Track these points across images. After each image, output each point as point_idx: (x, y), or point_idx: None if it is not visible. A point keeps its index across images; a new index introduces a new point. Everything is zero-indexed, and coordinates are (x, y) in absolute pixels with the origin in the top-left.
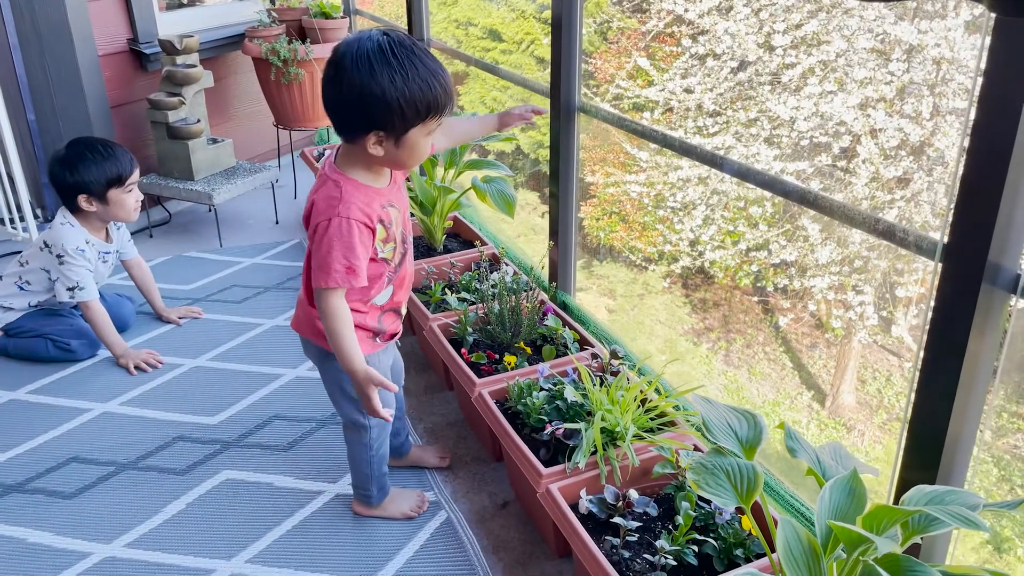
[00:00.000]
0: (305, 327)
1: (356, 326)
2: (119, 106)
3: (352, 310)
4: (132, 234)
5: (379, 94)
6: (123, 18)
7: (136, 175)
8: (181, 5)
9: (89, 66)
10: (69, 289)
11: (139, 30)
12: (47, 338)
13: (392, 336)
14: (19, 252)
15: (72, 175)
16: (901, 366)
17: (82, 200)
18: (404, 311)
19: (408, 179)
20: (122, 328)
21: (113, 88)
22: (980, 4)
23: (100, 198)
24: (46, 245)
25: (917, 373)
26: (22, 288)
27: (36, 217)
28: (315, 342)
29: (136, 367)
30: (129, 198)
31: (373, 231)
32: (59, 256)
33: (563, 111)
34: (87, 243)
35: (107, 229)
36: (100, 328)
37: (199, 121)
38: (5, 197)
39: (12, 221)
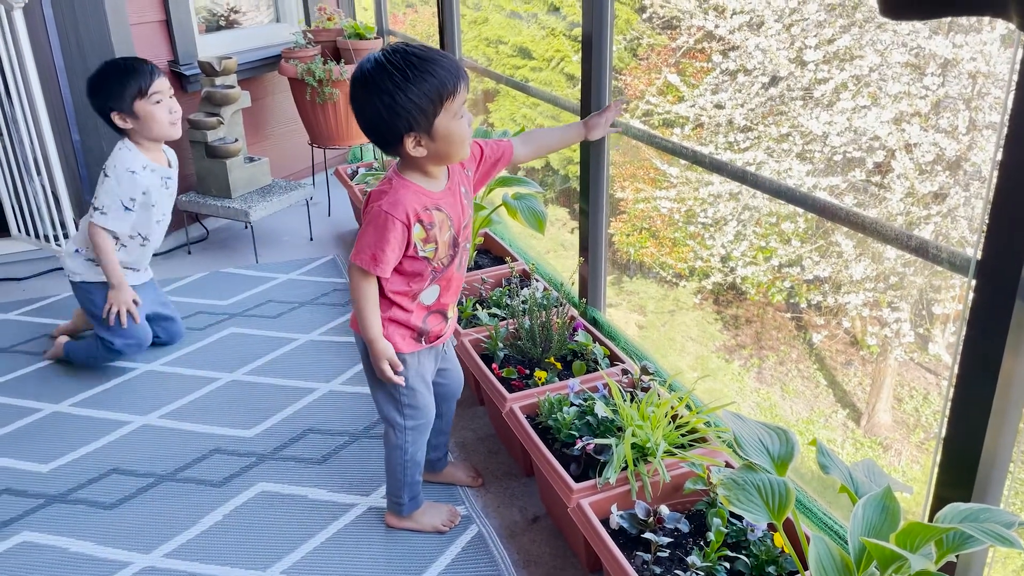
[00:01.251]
0: (355, 322)
1: (401, 323)
2: None
3: (399, 307)
4: (169, 251)
5: (392, 101)
6: (164, 40)
7: (160, 84)
8: (220, 27)
9: None
10: (94, 208)
11: (180, 52)
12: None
13: (436, 338)
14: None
15: (98, 97)
16: (939, 384)
17: (116, 119)
18: (452, 315)
19: None
20: (170, 342)
21: None
22: (1010, 23)
23: (130, 113)
24: (104, 172)
25: (951, 390)
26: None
27: None
28: (358, 332)
29: (115, 314)
30: (158, 109)
31: (409, 228)
32: (105, 176)
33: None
34: (144, 168)
35: (164, 154)
36: (104, 255)
37: (237, 140)
38: (50, 215)
39: (56, 238)
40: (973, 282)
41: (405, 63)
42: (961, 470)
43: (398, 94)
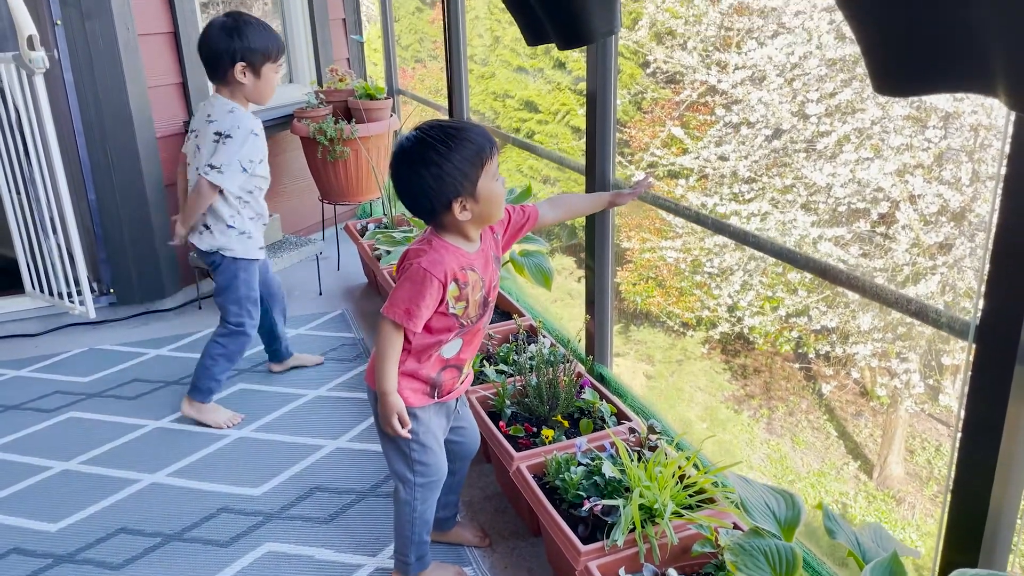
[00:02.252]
0: (369, 375)
1: (415, 376)
2: (173, 184)
3: (415, 357)
4: (180, 306)
5: (439, 170)
6: (180, 102)
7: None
8: None
9: (147, 148)
10: (210, 167)
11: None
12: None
13: (448, 393)
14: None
15: (237, 40)
16: (951, 436)
17: (238, 69)
18: (468, 372)
19: None
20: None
21: (169, 167)
22: (997, 99)
23: (255, 70)
24: (219, 135)
25: (955, 453)
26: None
27: (92, 291)
28: (373, 387)
29: (175, 241)
30: (276, 78)
31: (445, 286)
32: (228, 136)
33: (598, 189)
34: (262, 130)
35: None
36: (198, 208)
37: None
38: (64, 272)
39: (70, 295)
40: (973, 346)
41: (444, 135)
42: (968, 533)
43: (444, 163)
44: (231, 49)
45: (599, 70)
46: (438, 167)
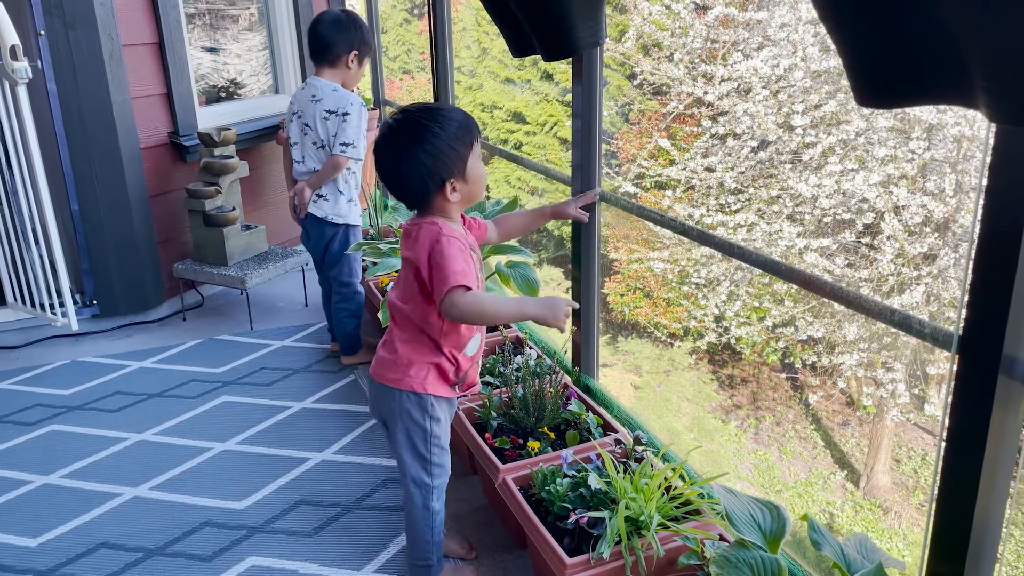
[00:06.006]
0: (389, 371)
1: (445, 372)
2: (158, 195)
3: (448, 358)
4: (164, 318)
5: (434, 148)
6: (165, 113)
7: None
8: (220, 99)
9: (131, 158)
10: (344, 144)
11: (180, 123)
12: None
13: (469, 387)
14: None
15: (356, 32)
16: (937, 445)
17: (351, 57)
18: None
19: None
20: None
21: (153, 178)
22: (978, 111)
23: (360, 60)
24: (330, 112)
25: (939, 463)
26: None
27: (75, 303)
28: (392, 385)
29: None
30: (363, 71)
31: (470, 249)
32: (345, 114)
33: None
34: (362, 105)
35: None
36: (326, 178)
37: (234, 209)
38: (47, 284)
39: (52, 307)
40: (956, 357)
41: (433, 114)
42: (953, 544)
43: (438, 141)
44: (351, 39)
45: (585, 81)
46: (432, 145)
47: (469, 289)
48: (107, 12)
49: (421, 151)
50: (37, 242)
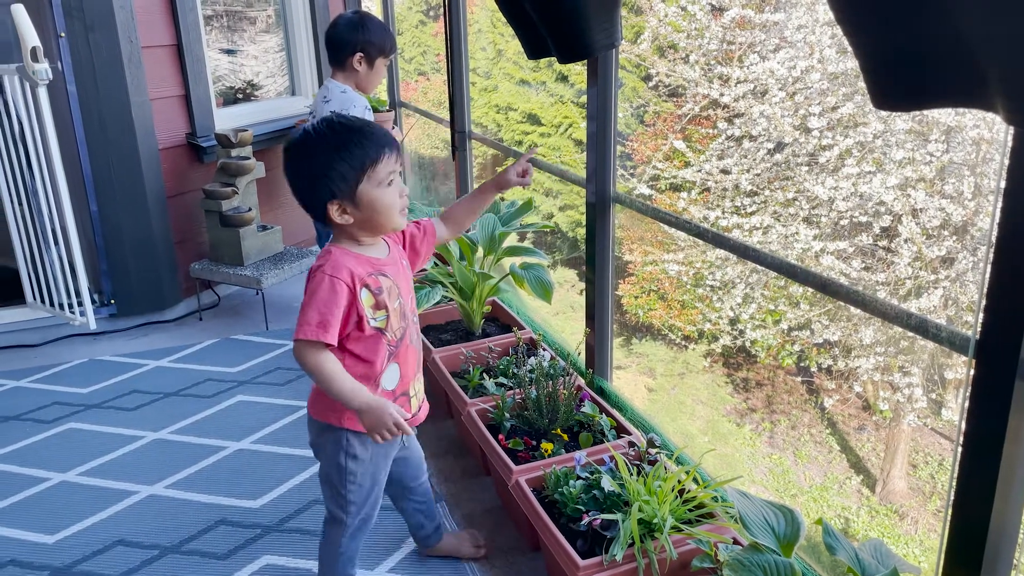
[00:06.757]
0: (314, 401)
1: None
2: (175, 196)
3: None
4: (180, 317)
5: (312, 169)
6: (183, 114)
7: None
8: (237, 100)
9: (150, 159)
10: None
11: (197, 125)
12: None
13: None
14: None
15: (360, 33)
16: (954, 450)
17: (356, 60)
18: (420, 397)
19: (447, 263)
20: None
21: (170, 179)
22: (996, 114)
23: (369, 61)
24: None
25: (956, 468)
26: None
27: (93, 302)
28: (313, 416)
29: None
30: (384, 71)
31: (354, 291)
32: (346, 112)
33: (599, 202)
34: (367, 107)
35: None
36: None
37: (251, 209)
38: (66, 284)
39: (71, 307)
40: (973, 361)
41: (329, 131)
42: (969, 550)
43: (319, 162)
44: (354, 41)
45: (600, 83)
46: (314, 164)
47: (317, 343)
48: (126, 14)
49: (303, 167)
50: (56, 242)
